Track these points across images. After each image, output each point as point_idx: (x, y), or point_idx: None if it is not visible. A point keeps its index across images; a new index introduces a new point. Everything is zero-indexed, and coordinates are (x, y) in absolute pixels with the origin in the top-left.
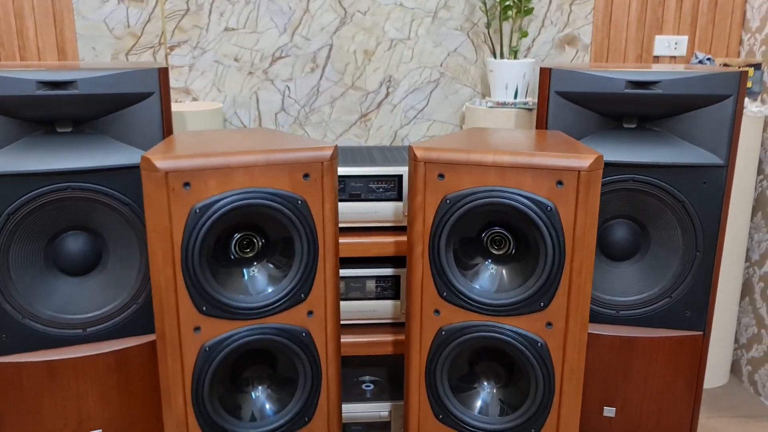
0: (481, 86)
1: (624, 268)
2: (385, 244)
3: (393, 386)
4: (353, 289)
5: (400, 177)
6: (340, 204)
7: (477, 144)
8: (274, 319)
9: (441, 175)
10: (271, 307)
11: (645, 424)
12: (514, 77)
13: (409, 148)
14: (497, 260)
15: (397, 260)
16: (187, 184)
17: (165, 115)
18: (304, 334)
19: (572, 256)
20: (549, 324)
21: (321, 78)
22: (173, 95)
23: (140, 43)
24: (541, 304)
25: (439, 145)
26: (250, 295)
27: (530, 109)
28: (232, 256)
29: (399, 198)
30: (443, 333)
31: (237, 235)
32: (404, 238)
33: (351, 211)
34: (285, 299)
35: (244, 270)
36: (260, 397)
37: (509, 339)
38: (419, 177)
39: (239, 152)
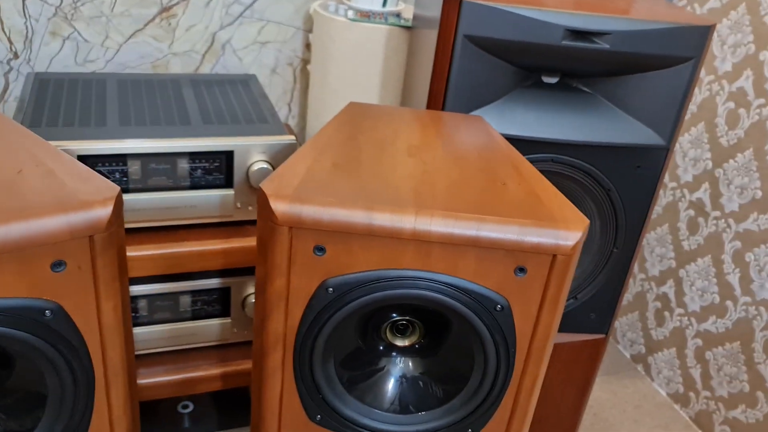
0: None
1: None
2: (211, 253)
3: (221, 408)
4: (161, 309)
5: (229, 154)
6: (133, 197)
7: (376, 172)
8: None
9: (320, 249)
10: None
11: None
12: None
13: (260, 194)
14: (403, 353)
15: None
16: None
17: None
18: None
19: (524, 370)
20: None
21: None
22: None
23: None
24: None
25: (314, 187)
26: None
27: (408, 27)
28: None
29: (228, 184)
30: None
31: None
32: (238, 243)
33: (152, 206)
34: None
35: None
36: None
37: None
38: (280, 248)
39: None
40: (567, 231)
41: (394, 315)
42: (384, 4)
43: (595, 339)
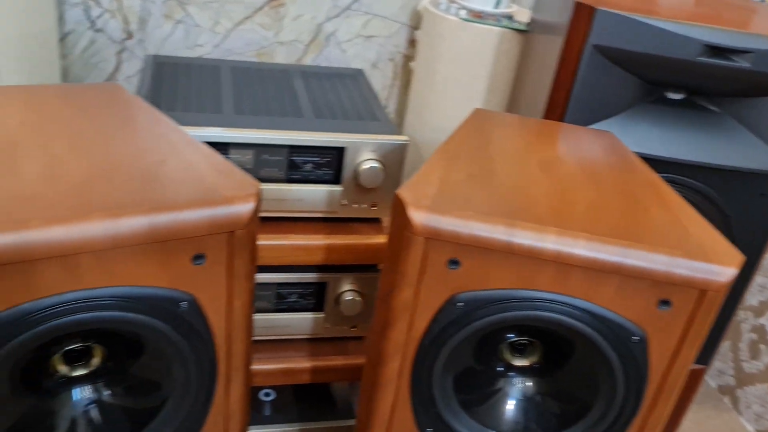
0: None
1: None
2: (313, 248)
3: (302, 400)
4: (258, 299)
5: (340, 150)
6: None
7: (511, 186)
8: None
9: (455, 262)
10: None
11: None
12: None
13: (396, 201)
14: (520, 374)
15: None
16: None
17: None
18: None
19: (652, 405)
20: None
21: None
22: None
23: None
24: None
25: (451, 198)
26: None
27: (521, 31)
28: (52, 376)
29: (336, 180)
30: None
31: (63, 347)
32: (341, 240)
33: (262, 197)
34: None
35: (72, 396)
36: None
37: None
38: (413, 259)
39: (52, 220)
40: (721, 266)
41: (511, 335)
42: (497, 5)
43: (694, 369)
